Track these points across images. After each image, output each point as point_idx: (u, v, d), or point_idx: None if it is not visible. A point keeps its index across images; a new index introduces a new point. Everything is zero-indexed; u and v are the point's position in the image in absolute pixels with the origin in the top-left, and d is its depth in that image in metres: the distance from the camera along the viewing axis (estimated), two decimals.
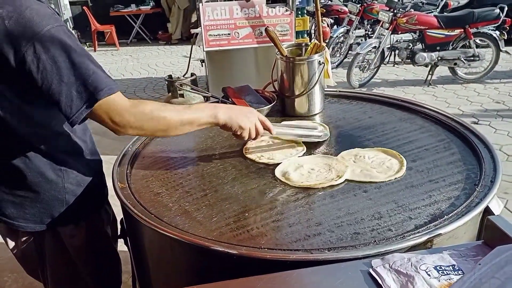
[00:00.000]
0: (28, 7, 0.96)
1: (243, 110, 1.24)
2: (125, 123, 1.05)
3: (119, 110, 1.03)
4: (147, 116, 1.07)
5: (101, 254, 1.33)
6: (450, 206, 1.04)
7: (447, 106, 4.63)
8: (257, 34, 3.40)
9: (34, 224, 1.17)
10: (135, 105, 1.06)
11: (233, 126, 1.19)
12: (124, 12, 8.94)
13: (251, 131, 1.21)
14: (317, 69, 1.58)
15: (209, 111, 1.17)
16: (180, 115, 1.12)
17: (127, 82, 6.38)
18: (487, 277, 0.52)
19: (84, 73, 0.98)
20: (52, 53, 0.95)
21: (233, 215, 1.06)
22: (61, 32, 0.97)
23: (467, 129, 1.39)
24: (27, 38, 0.94)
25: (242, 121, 1.19)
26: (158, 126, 1.09)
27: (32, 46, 0.94)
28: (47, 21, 0.96)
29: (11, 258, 2.65)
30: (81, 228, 1.23)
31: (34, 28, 0.94)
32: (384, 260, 0.81)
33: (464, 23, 5.14)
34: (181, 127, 1.13)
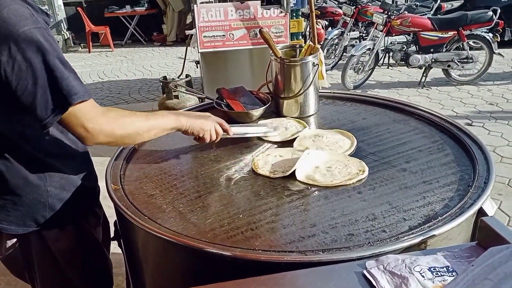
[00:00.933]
0: (7, 7, 0.95)
1: (202, 114, 1.32)
2: (98, 130, 1.04)
3: (92, 117, 1.03)
4: (118, 122, 1.09)
5: (89, 257, 1.30)
6: (444, 207, 1.04)
7: (441, 108, 4.65)
8: (252, 36, 3.40)
9: (17, 227, 1.15)
10: (106, 112, 1.07)
11: (195, 130, 1.25)
12: (119, 13, 8.91)
13: (212, 133, 1.29)
14: (311, 71, 1.58)
15: (173, 116, 1.23)
16: (147, 121, 1.16)
17: (122, 84, 6.36)
18: (480, 278, 0.53)
19: (58, 77, 0.97)
20: (27, 55, 0.94)
21: (227, 217, 1.05)
22: (38, 34, 0.96)
23: (460, 131, 1.40)
24: (3, 39, 0.93)
25: (203, 124, 1.26)
26: (128, 131, 1.12)
27: (7, 47, 0.93)
28: (25, 22, 0.95)
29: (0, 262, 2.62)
30: (67, 232, 1.21)
31: (10, 28, 0.93)
32: (378, 262, 0.81)
33: (458, 25, 5.18)
34: (148, 133, 1.18)
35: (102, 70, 7.17)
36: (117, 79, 6.66)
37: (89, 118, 1.03)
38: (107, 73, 7.00)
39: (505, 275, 0.51)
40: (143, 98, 5.66)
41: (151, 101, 5.45)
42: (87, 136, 1.05)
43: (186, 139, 1.53)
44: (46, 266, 1.23)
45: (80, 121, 1.02)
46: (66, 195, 1.18)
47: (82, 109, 1.01)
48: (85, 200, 1.24)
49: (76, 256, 1.25)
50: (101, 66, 7.48)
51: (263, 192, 1.16)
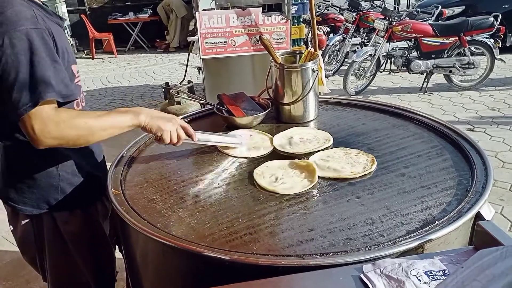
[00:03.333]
0: (12, 8, 1.06)
1: (165, 115, 1.29)
2: (45, 133, 1.05)
3: (42, 119, 1.05)
4: (69, 124, 1.08)
5: (95, 244, 1.38)
6: (441, 211, 1.05)
7: (443, 113, 4.65)
8: (253, 42, 3.43)
9: (31, 208, 1.26)
10: (58, 114, 1.08)
11: (153, 128, 1.22)
12: (122, 20, 8.98)
13: (172, 135, 1.25)
14: (311, 77, 1.59)
15: (130, 113, 1.21)
16: (100, 120, 1.15)
17: (125, 90, 6.40)
18: (469, 279, 0.53)
19: (38, 74, 1.04)
20: (16, 50, 1.03)
21: (226, 221, 1.06)
22: (33, 34, 1.04)
23: (459, 136, 1.40)
24: (1, 33, 1.03)
25: (162, 124, 1.23)
26: (80, 132, 1.11)
27: (1, 40, 1.02)
28: (24, 22, 1.05)
29: (4, 267, 2.64)
30: (76, 216, 1.31)
31: (9, 25, 1.03)
32: (375, 265, 0.82)
33: (459, 31, 5.19)
34: (103, 132, 1.15)
35: (105, 76, 7.22)
36: (120, 85, 6.70)
37: (40, 120, 1.05)
38: (110, 79, 7.04)
39: (493, 277, 0.51)
40: (145, 104, 5.69)
41: (153, 107, 5.47)
42: (35, 139, 1.06)
43: (186, 145, 1.55)
44: (55, 248, 1.32)
45: (31, 122, 1.04)
46: (76, 180, 1.29)
47: (35, 110, 1.04)
48: (93, 187, 1.32)
49: (83, 240, 1.33)
50: (104, 72, 7.53)
51: (262, 197, 1.17)
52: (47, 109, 1.06)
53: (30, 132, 1.06)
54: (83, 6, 9.18)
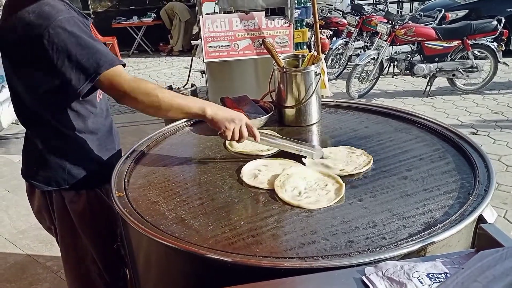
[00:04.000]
0: (48, 3, 1.21)
1: (232, 112, 1.33)
2: (123, 93, 1.21)
3: (119, 81, 1.21)
4: (143, 91, 1.22)
5: (100, 225, 1.46)
6: (444, 214, 1.05)
7: (446, 117, 4.65)
8: (257, 46, 3.44)
9: (43, 185, 1.39)
10: (135, 80, 1.23)
11: (218, 123, 1.29)
12: (126, 24, 9.02)
13: (235, 132, 1.30)
14: (313, 80, 1.60)
15: (200, 103, 1.29)
16: (172, 99, 1.25)
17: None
18: (469, 280, 0.53)
19: (88, 52, 1.19)
20: (62, 37, 1.17)
21: (229, 224, 1.07)
22: (70, 21, 1.20)
23: (462, 139, 1.41)
24: (44, 27, 1.17)
25: (227, 121, 1.29)
26: (150, 101, 1.23)
27: (47, 32, 1.17)
28: (60, 13, 1.20)
29: (8, 269, 2.66)
30: (81, 196, 1.41)
31: (50, 18, 1.18)
32: (377, 268, 0.82)
33: (462, 34, 5.19)
34: (170, 110, 1.26)
35: None
36: None
37: (116, 82, 1.21)
38: None
39: (493, 278, 0.52)
40: None
41: None
42: (116, 96, 1.23)
43: (189, 147, 1.56)
44: (63, 223, 1.44)
45: (110, 83, 1.21)
46: (83, 164, 1.40)
47: (110, 74, 1.21)
48: (101, 172, 1.40)
49: (88, 219, 1.43)
50: None
51: (264, 199, 1.17)
52: (125, 75, 1.22)
53: (116, 89, 1.22)
54: (88, 10, 9.24)
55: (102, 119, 1.44)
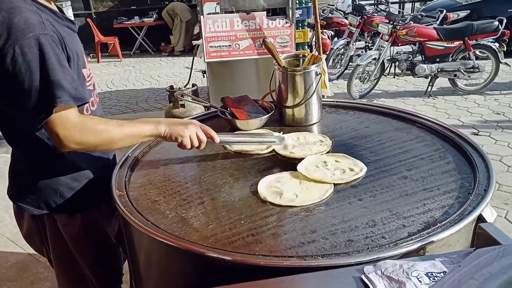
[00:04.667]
0: (19, 14, 1.05)
1: (183, 121, 1.32)
2: (69, 138, 1.10)
3: (66, 125, 1.09)
4: (91, 131, 1.13)
5: (97, 247, 1.39)
6: (443, 214, 1.05)
7: (447, 117, 4.64)
8: (258, 46, 3.45)
9: (33, 208, 1.29)
10: (81, 120, 1.12)
11: (173, 135, 1.25)
12: (128, 24, 9.05)
13: (192, 140, 1.27)
14: (314, 80, 1.60)
15: (151, 123, 1.24)
16: (122, 129, 1.18)
17: (130, 93, 6.43)
18: (466, 278, 0.54)
19: (51, 80, 1.05)
20: (28, 58, 1.03)
21: (229, 223, 1.07)
22: (42, 40, 1.05)
23: (462, 139, 1.41)
24: (10, 42, 1.03)
25: (182, 130, 1.25)
26: (101, 140, 1.16)
27: (12, 49, 1.03)
28: (32, 28, 1.04)
29: (9, 268, 2.66)
30: (75, 219, 1.32)
31: (18, 34, 1.03)
32: (376, 267, 0.82)
33: (464, 35, 5.19)
34: (124, 140, 1.20)
35: (110, 80, 7.27)
36: (125, 88, 6.74)
37: (64, 126, 1.09)
38: (116, 82, 7.09)
39: (490, 275, 0.52)
40: (150, 107, 5.73)
41: (158, 110, 5.50)
42: (59, 143, 1.11)
43: None
44: (58, 247, 1.36)
45: (55, 128, 1.08)
46: (76, 185, 1.30)
47: (59, 116, 1.08)
48: (95, 192, 1.31)
49: (83, 242, 1.35)
50: (110, 75, 7.58)
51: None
52: (70, 115, 1.09)
53: (54, 137, 1.10)
54: (89, 10, 9.26)
55: None
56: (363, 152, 1.40)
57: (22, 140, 1.22)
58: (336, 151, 1.42)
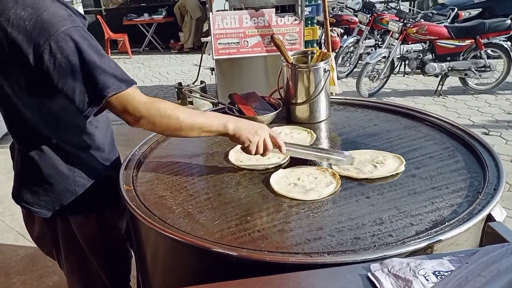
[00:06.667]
0: (47, 9, 1.04)
1: (254, 124, 1.24)
2: (139, 116, 1.11)
3: (134, 104, 1.10)
4: (160, 113, 1.12)
5: (110, 247, 1.38)
6: (452, 213, 1.04)
7: (458, 117, 4.60)
8: (266, 43, 3.44)
9: (47, 211, 1.26)
10: (151, 102, 1.13)
11: (241, 138, 1.19)
12: (137, 21, 9.08)
13: (259, 146, 1.20)
14: (322, 77, 1.59)
15: (221, 119, 1.20)
16: (192, 119, 1.16)
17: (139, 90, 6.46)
18: (473, 275, 0.53)
19: (94, 72, 1.05)
20: (66, 53, 1.03)
21: (235, 219, 1.07)
22: (75, 33, 1.04)
23: (472, 138, 1.39)
24: (44, 38, 1.02)
25: (251, 134, 1.19)
26: (169, 125, 1.14)
27: (48, 46, 1.02)
28: (63, 22, 1.04)
29: (19, 261, 2.69)
30: (91, 219, 1.31)
31: (50, 29, 1.02)
32: (383, 265, 0.81)
33: (475, 33, 5.13)
34: (191, 131, 1.17)
35: None
36: None
37: (131, 105, 1.10)
38: None
39: (498, 272, 0.51)
40: None
41: None
42: (130, 120, 1.13)
43: (197, 143, 1.57)
44: (70, 249, 1.34)
45: (123, 107, 1.10)
46: (92, 185, 1.28)
47: (123, 97, 1.09)
48: (109, 191, 1.28)
49: (98, 243, 1.34)
50: None
51: (271, 195, 1.17)
52: (138, 97, 1.11)
53: (124, 116, 1.11)
54: (99, 7, 9.31)
55: (104, 131, 1.31)
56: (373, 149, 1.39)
57: (37, 139, 1.20)
58: (344, 149, 1.41)
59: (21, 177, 1.30)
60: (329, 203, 1.12)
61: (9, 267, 2.63)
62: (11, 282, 2.51)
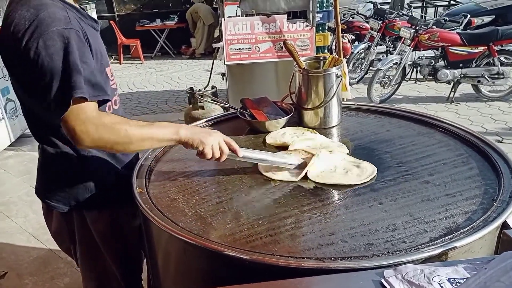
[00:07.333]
0: (46, 10, 1.07)
1: (207, 129, 1.28)
2: (85, 134, 1.06)
3: (83, 118, 1.06)
4: (108, 128, 1.08)
5: (123, 242, 1.41)
6: (466, 220, 1.03)
7: (470, 124, 4.55)
8: (278, 49, 3.45)
9: (63, 206, 1.31)
10: (99, 116, 1.09)
11: (194, 142, 1.18)
12: (150, 27, 9.18)
13: (214, 149, 1.20)
14: (334, 82, 1.59)
15: (172, 128, 1.19)
16: (142, 130, 1.13)
17: (150, 95, 6.52)
18: (491, 280, 0.52)
19: (71, 73, 1.05)
20: (51, 51, 1.04)
21: (247, 222, 1.07)
22: (64, 34, 1.06)
23: (486, 144, 1.37)
24: (35, 36, 1.05)
25: (204, 137, 1.19)
26: (118, 138, 1.10)
27: (36, 42, 1.04)
28: (57, 23, 1.06)
29: (31, 262, 2.72)
30: (104, 215, 1.34)
31: (43, 27, 1.05)
32: (397, 271, 0.81)
33: (488, 40, 5.08)
34: (142, 142, 1.14)
35: (132, 81, 7.38)
36: (146, 90, 6.83)
37: (79, 120, 1.06)
38: (137, 84, 7.19)
39: None
40: (170, 109, 5.79)
41: (177, 111, 5.56)
42: (74, 138, 1.07)
43: None
44: (85, 243, 1.37)
45: (71, 122, 1.05)
46: (106, 181, 1.32)
47: (76, 109, 1.05)
48: (122, 188, 1.30)
49: (111, 238, 1.37)
50: (131, 77, 7.70)
51: (283, 200, 1.17)
52: (87, 109, 1.07)
53: (71, 132, 1.07)
54: (113, 13, 9.43)
55: None
56: (384, 156, 1.39)
57: (53, 136, 1.23)
58: (356, 155, 1.41)
59: (41, 172, 1.35)
60: (341, 208, 1.12)
61: (22, 268, 2.66)
62: (23, 283, 2.54)
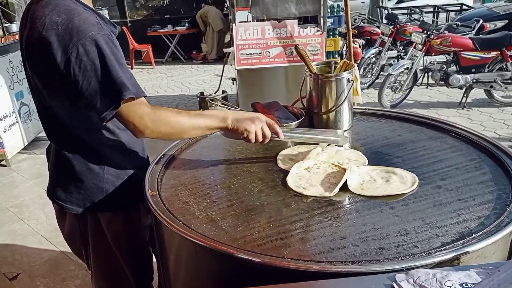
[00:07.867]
0: (78, 15, 1.12)
1: (250, 114, 1.33)
2: (144, 126, 1.16)
3: (140, 114, 1.16)
4: (163, 121, 1.19)
5: (135, 244, 1.43)
6: (479, 225, 1.02)
7: (483, 129, 4.50)
8: (288, 54, 3.46)
9: (78, 207, 1.33)
10: (154, 111, 1.18)
11: (239, 129, 1.27)
12: (161, 32, 9.28)
13: (257, 134, 1.29)
14: (345, 87, 1.59)
15: (219, 116, 1.28)
16: (192, 120, 1.24)
17: (161, 99, 6.58)
18: (505, 283, 0.52)
19: (114, 76, 1.12)
20: (91, 56, 1.10)
21: (258, 226, 1.07)
22: (101, 39, 1.12)
23: (499, 149, 1.36)
24: (73, 42, 1.09)
25: (248, 124, 1.27)
26: (172, 130, 1.21)
27: (76, 49, 1.10)
28: (91, 28, 1.11)
29: (42, 264, 2.75)
30: (118, 217, 1.36)
31: (80, 33, 1.10)
32: (409, 275, 0.80)
33: (501, 45, 5.03)
34: (193, 131, 1.27)
35: (143, 86, 7.34)
36: (157, 94, 6.89)
37: (138, 115, 1.16)
38: (148, 88, 7.27)
39: None
40: None
41: None
42: (135, 131, 1.18)
43: (220, 150, 1.59)
44: (98, 245, 1.39)
45: (130, 117, 1.15)
46: (120, 183, 1.35)
47: (131, 106, 1.15)
48: (136, 190, 1.32)
49: (124, 240, 1.39)
50: (143, 82, 7.78)
51: (294, 203, 1.17)
52: (141, 108, 1.16)
53: (131, 127, 1.17)
54: (125, 18, 9.56)
55: None
56: (396, 160, 1.38)
57: (71, 139, 1.27)
58: (368, 159, 1.40)
59: (55, 174, 1.38)
60: (352, 213, 1.11)
61: (33, 270, 2.69)
62: (34, 285, 2.57)
